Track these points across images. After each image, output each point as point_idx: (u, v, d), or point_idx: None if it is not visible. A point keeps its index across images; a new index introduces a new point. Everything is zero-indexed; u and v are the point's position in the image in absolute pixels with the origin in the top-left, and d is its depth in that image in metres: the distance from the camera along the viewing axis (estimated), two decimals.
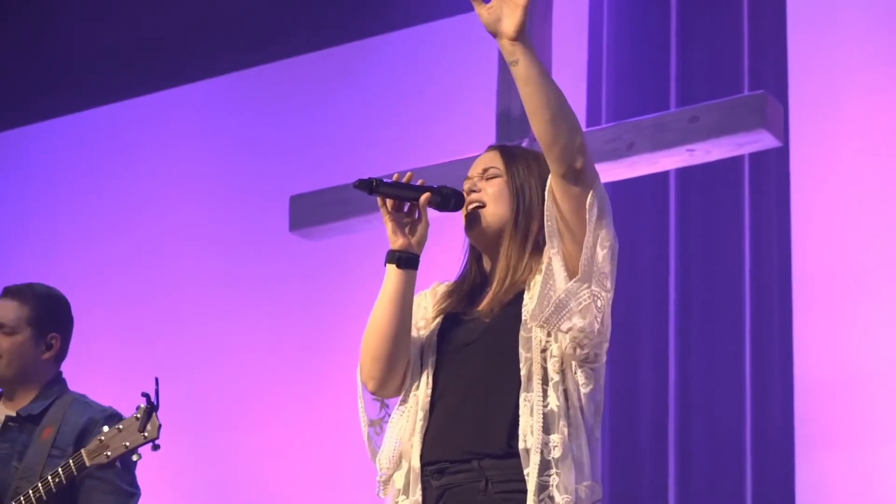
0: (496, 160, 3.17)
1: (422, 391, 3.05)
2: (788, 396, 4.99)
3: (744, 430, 5.01)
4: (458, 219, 3.16)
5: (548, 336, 2.95)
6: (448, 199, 3.13)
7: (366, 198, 3.06)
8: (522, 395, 2.92)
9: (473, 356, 3.02)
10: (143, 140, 6.74)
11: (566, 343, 2.92)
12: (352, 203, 4.95)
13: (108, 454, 3.85)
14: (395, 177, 3.12)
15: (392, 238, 3.11)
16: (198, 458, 6.17)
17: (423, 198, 3.10)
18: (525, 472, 2.88)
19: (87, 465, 3.88)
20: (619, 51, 5.48)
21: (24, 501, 3.94)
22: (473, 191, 3.14)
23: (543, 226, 2.96)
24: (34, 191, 7.05)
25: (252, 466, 6.11)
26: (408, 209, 3.13)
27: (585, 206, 2.91)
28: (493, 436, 2.94)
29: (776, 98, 4.59)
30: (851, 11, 5.17)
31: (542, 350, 2.95)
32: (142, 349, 6.33)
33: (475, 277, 3.19)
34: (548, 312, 2.90)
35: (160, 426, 3.82)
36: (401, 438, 3.05)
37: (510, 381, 2.95)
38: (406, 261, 3.09)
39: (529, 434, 2.89)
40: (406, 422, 3.05)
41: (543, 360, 2.94)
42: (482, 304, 3.09)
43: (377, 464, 3.09)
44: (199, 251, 6.43)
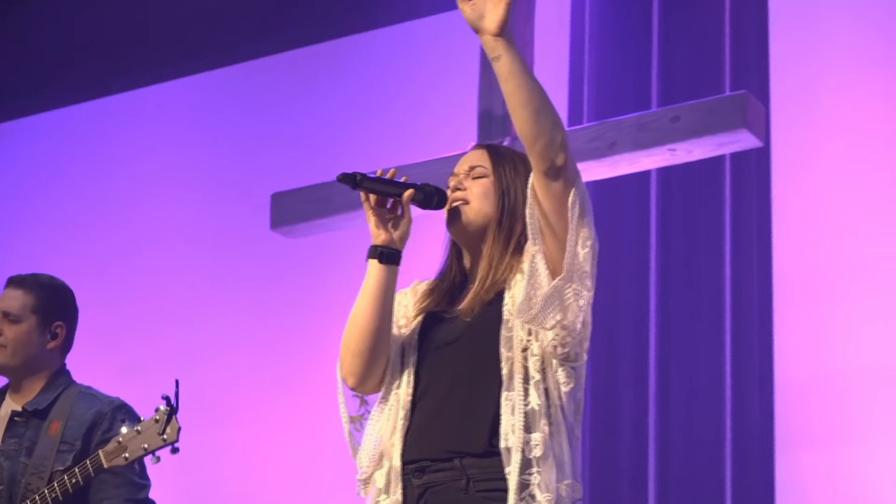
0: (483, 159, 3.17)
1: (403, 390, 3.05)
2: (768, 396, 5.00)
3: (724, 430, 5.02)
4: (441, 217, 3.16)
5: (529, 335, 2.95)
6: (431, 197, 3.13)
7: (347, 196, 3.07)
8: (504, 394, 2.93)
9: (454, 355, 3.02)
10: (125, 137, 6.73)
11: (548, 341, 2.93)
12: (333, 201, 4.95)
13: (127, 456, 3.84)
14: (379, 172, 3.13)
15: (374, 233, 3.11)
16: (181, 456, 6.14)
17: (407, 194, 3.10)
18: (506, 471, 2.88)
19: (105, 467, 3.87)
20: (601, 50, 5.49)
21: (40, 501, 3.93)
22: (459, 188, 3.14)
23: (526, 227, 2.97)
24: (14, 189, 7.04)
25: (235, 463, 6.11)
26: (391, 205, 3.13)
27: (567, 204, 2.91)
28: (475, 435, 2.94)
29: (757, 98, 4.60)
30: (833, 11, 5.18)
31: (523, 349, 2.96)
32: (123, 348, 6.33)
33: (455, 275, 3.19)
34: (535, 311, 2.90)
35: (180, 429, 3.81)
36: (381, 437, 3.05)
37: (491, 380, 2.95)
38: (388, 256, 3.09)
39: (511, 433, 2.89)
40: (387, 420, 3.05)
41: (524, 359, 2.94)
42: (463, 303, 3.09)
43: (357, 462, 3.09)
44: (180, 248, 6.42)
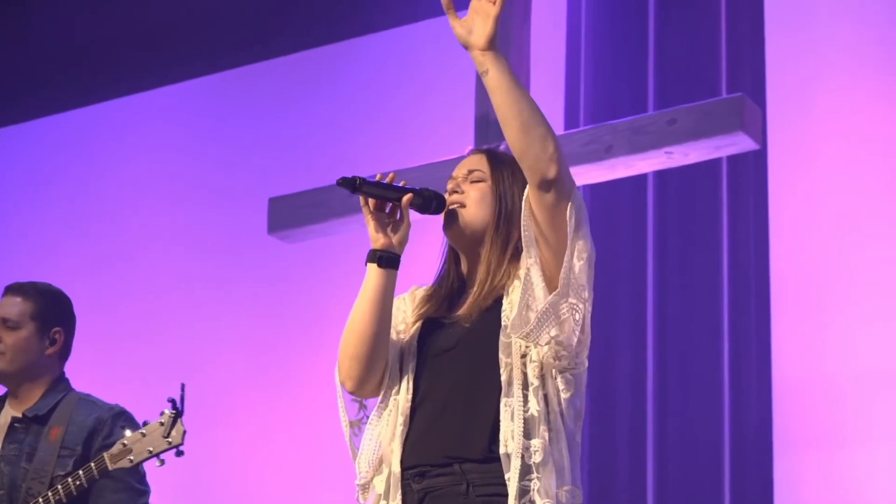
0: (482, 163, 3.17)
1: (402, 396, 3.05)
2: (766, 399, 5.00)
3: (722, 434, 5.02)
4: (439, 222, 3.16)
5: (529, 343, 2.95)
6: (430, 202, 3.13)
7: (344, 200, 3.07)
8: (503, 401, 2.93)
9: (454, 362, 3.02)
10: (122, 142, 6.73)
11: (544, 353, 2.93)
12: (330, 205, 4.95)
13: (132, 458, 3.85)
14: (378, 177, 3.13)
15: (373, 237, 3.11)
16: (176, 461, 6.14)
17: (406, 199, 3.10)
18: (506, 477, 2.88)
19: (110, 470, 3.88)
20: (597, 53, 5.49)
21: (43, 503, 3.94)
22: (456, 192, 3.14)
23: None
24: (9, 194, 7.03)
25: (234, 466, 6.10)
26: (390, 210, 3.13)
27: (561, 216, 2.91)
28: (474, 440, 2.94)
29: (754, 101, 4.60)
30: (829, 14, 5.18)
31: (522, 355, 2.95)
32: (120, 351, 6.32)
33: (453, 280, 3.19)
34: (529, 328, 2.91)
35: (185, 432, 3.83)
36: (381, 443, 3.05)
37: (490, 387, 2.95)
38: (387, 260, 3.09)
39: (510, 439, 2.89)
40: (386, 426, 3.05)
41: (523, 366, 2.94)
42: (461, 309, 3.08)
43: (357, 467, 3.09)
44: (178, 253, 6.42)
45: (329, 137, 6.18)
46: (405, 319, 3.17)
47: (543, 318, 2.89)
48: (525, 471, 2.87)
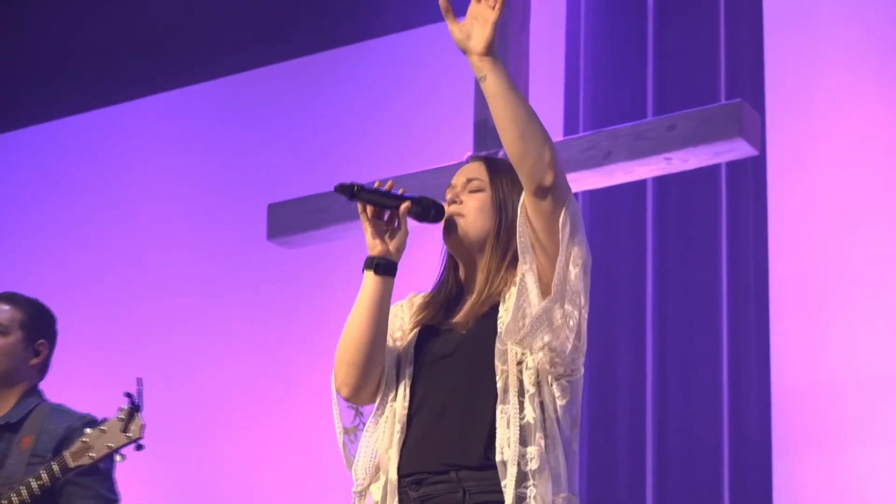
0: (481, 172, 3.17)
1: (399, 403, 3.05)
2: (765, 402, 5.00)
3: (721, 437, 5.03)
4: (437, 229, 3.17)
5: (523, 349, 2.95)
6: (428, 210, 3.14)
7: (344, 206, 3.07)
8: (499, 408, 2.93)
9: (450, 369, 3.03)
10: (121, 148, 6.73)
11: (540, 358, 2.93)
12: (330, 211, 4.95)
13: (92, 455, 3.86)
14: (377, 184, 3.13)
15: (371, 244, 3.11)
16: (176, 466, 6.16)
17: (404, 206, 3.10)
18: (502, 484, 2.89)
19: (71, 467, 3.89)
20: (597, 60, 5.49)
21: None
22: (455, 201, 3.15)
23: None
24: (11, 198, 7.04)
25: (230, 473, 6.11)
26: (387, 217, 3.13)
27: (557, 223, 2.92)
28: (470, 448, 2.94)
29: (753, 107, 4.60)
30: (829, 19, 5.19)
31: (518, 362, 2.96)
32: (120, 356, 6.32)
33: (452, 287, 3.19)
34: (523, 333, 2.91)
35: (144, 426, 3.83)
36: (377, 450, 3.05)
37: (487, 394, 2.95)
38: (384, 268, 3.10)
39: (506, 446, 2.89)
40: (382, 434, 3.05)
41: (519, 373, 2.94)
42: (459, 316, 3.09)
43: (353, 474, 3.09)
44: (177, 259, 6.42)
45: (329, 143, 6.18)
46: (402, 326, 3.18)
47: (537, 324, 2.90)
48: (521, 478, 2.88)
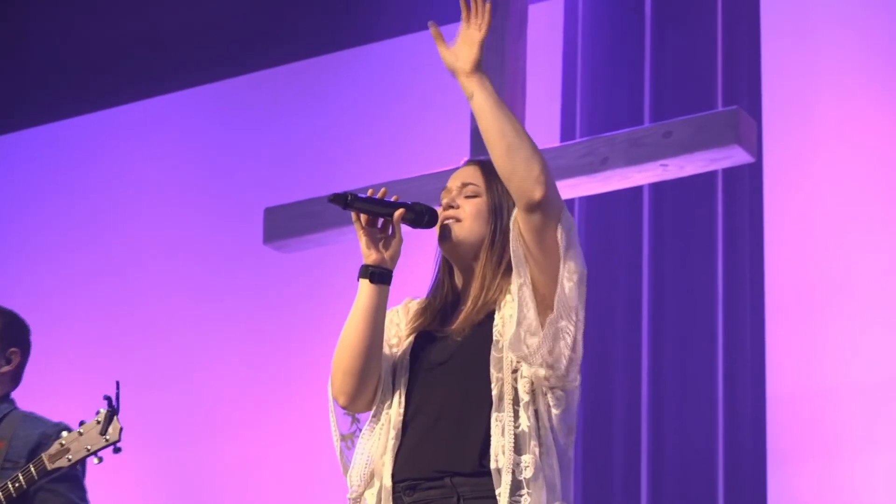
0: (476, 176, 3.17)
1: (394, 410, 3.06)
2: (760, 410, 5.00)
3: (716, 446, 5.03)
4: (432, 236, 3.17)
5: (528, 363, 2.95)
6: (421, 216, 3.14)
7: (340, 211, 3.06)
8: (494, 416, 2.93)
9: (446, 376, 3.03)
10: (118, 151, 6.73)
11: (536, 371, 2.93)
12: (326, 216, 4.94)
13: (70, 458, 3.85)
14: (370, 192, 3.13)
15: (365, 253, 3.11)
16: (171, 469, 6.16)
17: (397, 214, 3.10)
18: (497, 492, 2.89)
19: (49, 469, 3.88)
20: (594, 65, 5.50)
21: None
22: (451, 206, 3.15)
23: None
24: (8, 200, 7.03)
25: (227, 478, 6.10)
26: (381, 225, 3.13)
27: (550, 238, 2.92)
28: (465, 454, 2.94)
29: (749, 114, 4.60)
30: (826, 27, 5.19)
31: (513, 371, 2.96)
32: (116, 360, 6.32)
33: (447, 293, 3.19)
34: (528, 351, 2.92)
35: (121, 429, 3.81)
36: (372, 457, 3.05)
37: (482, 401, 2.96)
38: (379, 276, 3.10)
39: (501, 454, 2.90)
40: (377, 440, 3.06)
41: (514, 381, 2.95)
42: (455, 323, 3.09)
43: (348, 480, 3.09)
44: (174, 263, 6.42)
45: (326, 148, 6.18)
46: (398, 333, 3.18)
47: (542, 342, 2.91)
48: (515, 486, 2.88)
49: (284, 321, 6.11)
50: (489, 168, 3.20)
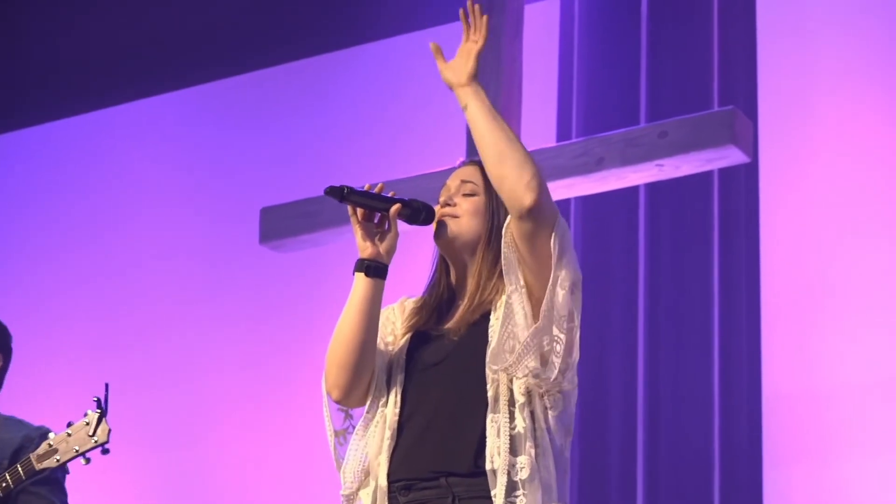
0: (476, 176, 3.17)
1: (389, 410, 3.06)
2: (756, 411, 5.01)
3: (712, 446, 5.03)
4: (428, 233, 3.17)
5: (508, 375, 2.95)
6: (418, 213, 3.14)
7: (336, 210, 3.08)
8: (489, 416, 2.93)
9: (441, 376, 3.03)
10: (114, 152, 6.73)
11: (524, 380, 2.94)
12: (322, 215, 4.95)
13: (58, 458, 3.83)
14: (367, 187, 3.14)
15: (361, 247, 3.11)
16: (169, 469, 6.16)
17: (394, 209, 3.11)
18: (492, 493, 2.89)
19: (37, 469, 3.87)
20: (590, 66, 5.50)
21: None
22: (449, 204, 3.15)
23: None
24: (6, 200, 7.03)
25: (225, 478, 6.10)
26: (378, 220, 3.13)
27: (543, 245, 2.92)
28: (460, 455, 2.94)
29: (745, 114, 4.61)
30: (822, 27, 5.20)
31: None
32: (111, 361, 6.32)
33: (443, 291, 3.19)
34: (509, 362, 2.92)
35: (110, 430, 3.81)
36: (367, 456, 3.06)
37: (477, 402, 2.96)
38: (374, 270, 3.10)
39: (496, 455, 2.90)
40: (373, 439, 3.06)
41: (510, 382, 2.95)
42: (450, 322, 3.09)
43: (341, 477, 3.09)
44: (169, 262, 6.42)
45: (322, 148, 6.18)
46: (394, 331, 3.18)
47: (524, 353, 2.91)
48: (511, 487, 2.88)
49: (283, 321, 6.11)
50: None
